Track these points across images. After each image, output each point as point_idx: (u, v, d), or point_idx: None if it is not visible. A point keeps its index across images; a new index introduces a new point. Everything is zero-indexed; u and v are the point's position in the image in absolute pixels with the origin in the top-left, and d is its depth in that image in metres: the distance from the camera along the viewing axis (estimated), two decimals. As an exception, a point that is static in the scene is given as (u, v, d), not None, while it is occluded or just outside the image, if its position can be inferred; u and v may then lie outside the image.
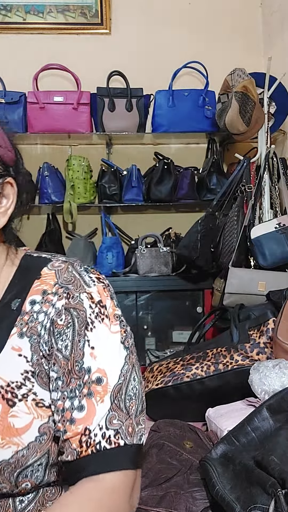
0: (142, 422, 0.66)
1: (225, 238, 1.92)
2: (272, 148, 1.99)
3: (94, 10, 2.45)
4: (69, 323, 0.65)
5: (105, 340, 0.66)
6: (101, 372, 0.63)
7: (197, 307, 2.29)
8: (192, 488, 0.85)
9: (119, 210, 2.54)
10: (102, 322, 0.66)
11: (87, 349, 0.64)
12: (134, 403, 0.65)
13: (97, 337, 0.65)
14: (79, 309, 0.66)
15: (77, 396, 0.62)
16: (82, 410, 0.62)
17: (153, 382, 1.33)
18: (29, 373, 0.65)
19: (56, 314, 0.65)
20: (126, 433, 0.63)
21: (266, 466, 0.73)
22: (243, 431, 0.88)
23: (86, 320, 0.65)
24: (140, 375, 0.69)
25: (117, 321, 0.69)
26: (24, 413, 0.64)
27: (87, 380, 0.63)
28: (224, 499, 0.74)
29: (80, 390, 0.62)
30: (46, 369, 0.65)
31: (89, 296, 0.67)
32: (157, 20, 2.50)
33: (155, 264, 2.22)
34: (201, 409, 1.21)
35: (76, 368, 0.63)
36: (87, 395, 0.62)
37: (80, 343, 0.64)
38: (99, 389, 0.63)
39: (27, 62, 2.37)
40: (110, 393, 0.63)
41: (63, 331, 0.64)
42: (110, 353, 0.65)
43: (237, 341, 1.30)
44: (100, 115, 2.24)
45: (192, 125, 2.26)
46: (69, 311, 0.65)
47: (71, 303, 0.66)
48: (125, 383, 0.65)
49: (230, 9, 2.53)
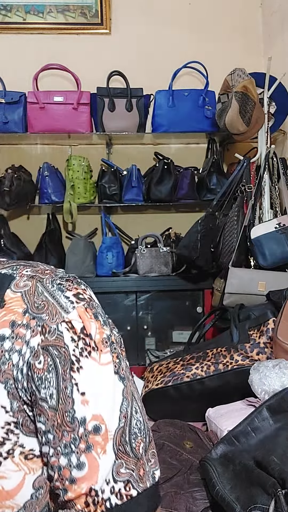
0: (152, 457, 0.59)
1: (225, 238, 1.92)
2: (272, 148, 1.99)
3: (94, 10, 2.45)
4: (50, 365, 0.54)
5: (96, 379, 0.56)
6: (97, 419, 0.54)
7: (197, 307, 2.29)
8: (192, 488, 0.86)
9: (119, 210, 2.54)
10: (89, 357, 0.56)
11: (76, 395, 0.54)
12: (140, 441, 0.57)
13: (86, 378, 0.55)
14: (59, 346, 0.55)
15: (73, 451, 0.54)
16: (82, 467, 0.53)
17: (153, 382, 1.33)
18: (11, 424, 0.55)
19: (33, 355, 0.54)
20: (137, 479, 0.55)
21: (266, 466, 0.73)
22: (243, 431, 0.88)
23: (70, 358, 0.55)
24: (140, 401, 0.61)
25: (107, 347, 0.58)
26: (13, 471, 0.55)
27: (83, 433, 0.54)
28: (224, 499, 0.74)
29: (77, 445, 0.54)
30: (30, 415, 0.56)
31: (69, 325, 0.56)
32: (157, 20, 2.50)
33: (155, 264, 2.22)
34: (201, 409, 1.21)
35: (67, 419, 0.54)
36: (85, 449, 0.54)
37: (67, 389, 0.54)
38: (98, 440, 0.54)
39: (27, 62, 2.37)
40: (112, 441, 0.55)
41: (45, 377, 0.54)
42: (105, 393, 0.56)
43: (237, 341, 1.30)
44: (100, 115, 2.24)
45: (192, 125, 2.26)
46: (48, 351, 0.54)
47: (48, 340, 0.54)
48: (127, 423, 0.56)
49: (230, 9, 2.53)
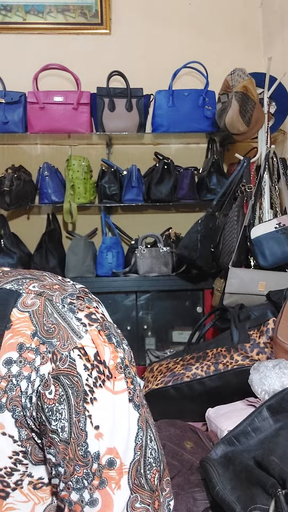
0: (166, 486, 0.57)
1: (225, 238, 1.92)
2: (272, 148, 1.99)
3: (94, 10, 2.45)
4: (62, 396, 0.51)
5: (110, 410, 0.52)
6: (112, 453, 0.52)
7: (197, 307, 2.29)
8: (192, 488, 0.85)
9: (119, 210, 2.54)
10: (103, 386, 0.52)
11: (90, 428, 0.51)
12: (156, 471, 0.55)
13: (101, 410, 0.52)
14: (71, 375, 0.51)
15: (86, 487, 0.51)
16: (95, 504, 0.51)
17: (153, 382, 1.33)
18: (20, 454, 0.52)
19: (43, 384, 0.51)
20: (154, 510, 0.54)
21: (266, 466, 0.73)
22: (243, 431, 0.88)
23: (83, 389, 0.51)
24: (154, 428, 0.58)
25: (121, 373, 0.54)
26: (22, 502, 0.53)
27: (96, 469, 0.51)
28: (225, 499, 0.74)
29: (90, 481, 0.51)
30: (39, 443, 0.53)
31: (82, 352, 0.52)
32: (157, 20, 2.50)
33: (155, 264, 2.22)
34: (201, 409, 1.21)
35: (80, 453, 0.51)
36: (99, 485, 0.51)
37: (80, 422, 0.51)
38: (112, 474, 0.51)
39: (27, 62, 2.37)
40: (127, 475, 0.52)
41: (56, 408, 0.51)
42: (120, 425, 0.52)
43: (237, 341, 1.29)
44: (100, 115, 2.24)
45: (192, 125, 2.26)
46: (59, 380, 0.51)
47: (59, 368, 0.51)
48: (142, 453, 0.54)
49: (230, 9, 2.53)
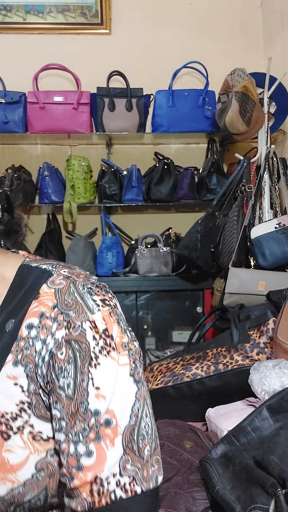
0: (156, 463, 0.61)
1: (225, 238, 1.92)
2: (272, 148, 1.99)
3: (94, 10, 2.45)
4: (71, 358, 0.59)
5: (112, 377, 0.60)
6: (109, 414, 0.58)
7: (197, 307, 2.29)
8: (192, 488, 0.85)
9: (119, 210, 2.54)
10: (108, 356, 0.60)
11: (91, 389, 0.58)
12: (147, 443, 0.60)
13: (103, 375, 0.59)
14: (81, 342, 0.60)
15: (82, 440, 0.57)
16: (90, 456, 0.57)
17: (153, 382, 1.33)
18: (25, 404, 0.60)
19: (56, 346, 0.59)
20: (141, 478, 0.58)
21: (266, 466, 0.73)
22: (243, 431, 0.88)
23: (90, 354, 0.59)
24: (151, 408, 0.64)
25: (125, 350, 0.63)
26: (20, 447, 0.59)
27: (94, 424, 0.58)
28: (224, 499, 0.74)
29: (86, 435, 0.57)
30: (45, 400, 0.60)
31: (92, 325, 0.61)
32: (157, 20, 2.50)
33: (155, 264, 2.22)
34: (201, 409, 1.21)
35: (81, 409, 0.58)
36: (95, 439, 0.57)
37: (84, 382, 0.58)
38: (108, 432, 0.58)
39: (27, 62, 2.37)
40: (121, 436, 0.58)
41: (64, 367, 0.59)
42: (119, 392, 0.59)
43: (237, 341, 1.29)
44: (100, 115, 2.24)
45: (192, 125, 2.26)
46: (70, 344, 0.59)
47: (72, 334, 0.60)
48: (137, 422, 0.60)
49: (230, 9, 2.53)
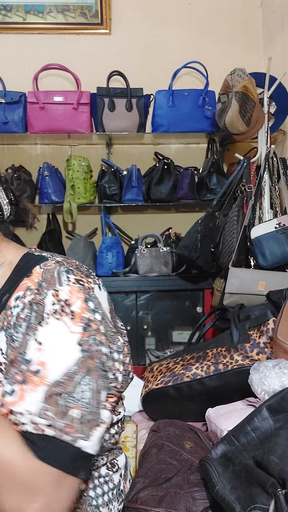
0: (83, 433, 0.62)
1: (225, 238, 1.92)
2: (272, 148, 1.99)
3: (94, 10, 2.45)
4: (27, 316, 0.66)
5: (56, 338, 0.64)
6: (41, 365, 0.63)
7: (197, 307, 2.29)
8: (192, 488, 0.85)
9: (119, 210, 2.54)
10: (59, 320, 0.65)
11: (33, 342, 0.64)
12: (76, 407, 0.62)
13: (48, 334, 0.64)
14: (39, 304, 0.66)
15: (9, 382, 0.64)
16: (12, 394, 0.63)
17: (153, 382, 1.33)
18: (2, 365, 0.67)
19: (21, 309, 0.67)
20: (59, 429, 0.61)
21: (266, 466, 0.73)
22: (243, 431, 0.88)
23: (42, 315, 0.65)
24: (97, 384, 0.66)
25: (82, 323, 0.66)
26: None
27: (23, 369, 0.63)
28: (224, 499, 0.74)
29: (14, 376, 0.63)
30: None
31: (55, 293, 0.67)
32: (157, 20, 2.50)
33: (155, 264, 2.22)
34: (201, 409, 1.21)
35: (19, 358, 0.64)
36: (20, 381, 0.63)
37: (28, 335, 0.65)
38: (35, 379, 0.62)
39: (27, 62, 2.37)
40: (47, 387, 0.62)
41: (19, 324, 0.66)
42: (58, 350, 0.64)
43: (237, 341, 1.29)
44: (100, 115, 2.24)
45: (192, 125, 2.26)
46: (31, 306, 0.67)
47: (36, 299, 0.67)
48: (69, 384, 0.63)
49: (230, 9, 2.53)
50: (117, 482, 0.86)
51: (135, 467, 1.09)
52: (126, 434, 1.16)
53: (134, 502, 0.82)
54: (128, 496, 0.85)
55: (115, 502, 0.84)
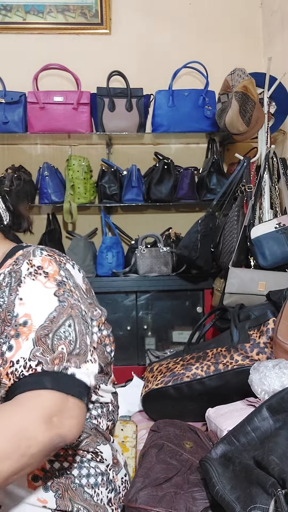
0: (73, 363, 0.70)
1: (225, 238, 1.92)
2: (272, 148, 1.99)
3: (94, 10, 2.45)
4: (8, 283, 0.77)
5: (34, 292, 0.75)
6: (27, 316, 0.72)
7: (197, 307, 2.29)
8: (192, 488, 0.85)
9: (119, 210, 2.54)
10: (35, 280, 0.76)
11: (17, 300, 0.74)
12: (65, 345, 0.70)
13: (27, 290, 0.75)
14: (16, 272, 0.78)
15: (7, 340, 0.71)
16: (11, 350, 0.70)
17: (153, 382, 1.33)
18: None
19: (3, 278, 0.78)
20: (48, 363, 0.68)
21: (266, 466, 0.73)
22: (243, 431, 0.88)
23: (20, 278, 0.76)
24: (79, 324, 0.74)
25: (55, 282, 0.77)
26: None
27: (14, 324, 0.72)
28: (224, 499, 0.74)
29: (9, 332, 0.72)
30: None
31: (29, 262, 0.78)
32: (157, 20, 2.50)
33: (155, 264, 2.22)
34: (201, 409, 1.21)
35: (8, 317, 0.73)
36: (14, 336, 0.71)
37: (12, 296, 0.75)
38: (25, 330, 0.71)
39: (27, 62, 2.37)
40: (34, 333, 0.70)
41: (3, 290, 0.77)
42: (37, 301, 0.74)
43: (237, 341, 1.29)
44: (100, 115, 2.24)
45: (192, 125, 2.26)
46: (10, 274, 0.78)
47: (14, 268, 0.78)
48: (53, 326, 0.71)
49: (230, 9, 2.53)
50: (104, 470, 0.85)
51: (135, 467, 1.09)
52: (126, 434, 1.16)
53: (134, 502, 0.82)
54: (128, 496, 0.84)
55: (103, 488, 0.83)
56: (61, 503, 0.76)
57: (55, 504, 0.76)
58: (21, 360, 0.69)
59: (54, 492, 0.77)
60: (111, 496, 0.85)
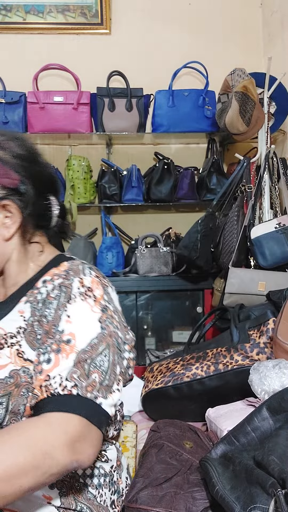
0: (101, 394, 0.73)
1: (225, 238, 1.92)
2: (272, 148, 1.99)
3: (94, 10, 2.45)
4: (57, 296, 0.78)
5: (82, 313, 0.77)
6: (71, 335, 0.74)
7: (197, 307, 2.29)
8: (192, 488, 0.85)
9: (119, 210, 2.54)
10: (84, 300, 0.78)
11: (64, 316, 0.76)
12: (97, 372, 0.73)
13: (75, 309, 0.76)
14: (67, 287, 0.79)
15: (47, 351, 0.74)
16: (49, 362, 0.73)
17: (153, 382, 1.33)
18: (22, 329, 0.78)
19: (52, 289, 0.80)
20: (82, 388, 0.71)
21: (266, 466, 0.73)
22: (243, 431, 0.88)
23: (70, 295, 0.78)
24: (114, 356, 0.77)
25: (100, 307, 0.79)
26: (6, 356, 0.76)
27: (58, 339, 0.74)
28: (224, 499, 0.74)
29: (50, 346, 0.74)
30: (36, 330, 0.77)
31: (80, 280, 0.80)
32: (157, 20, 2.50)
33: (155, 264, 2.22)
34: (201, 409, 1.21)
35: (53, 330, 0.75)
36: (55, 350, 0.73)
37: (60, 311, 0.77)
38: (66, 348, 0.73)
39: (27, 62, 2.37)
40: (76, 354, 0.73)
41: (51, 302, 0.78)
42: (83, 323, 0.76)
43: (237, 341, 1.29)
44: (100, 115, 2.24)
45: (192, 125, 2.26)
46: (60, 288, 0.79)
47: (64, 283, 0.79)
48: (92, 352, 0.74)
49: (230, 9, 2.53)
50: (108, 471, 0.86)
51: (135, 467, 1.09)
52: (126, 434, 1.16)
53: (134, 502, 0.82)
54: (128, 496, 0.84)
55: (106, 489, 0.84)
56: (65, 501, 0.78)
57: (59, 501, 0.77)
58: (57, 377, 0.71)
59: (59, 490, 0.78)
60: (114, 498, 0.85)
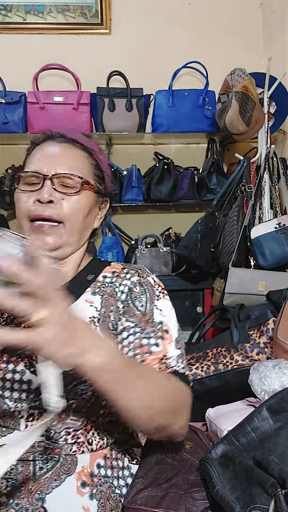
0: (187, 371, 0.89)
1: (225, 238, 1.92)
2: (272, 148, 1.99)
3: (94, 10, 2.45)
4: (143, 292, 0.89)
5: (168, 309, 0.89)
6: (167, 327, 0.87)
7: (197, 307, 2.29)
8: (192, 488, 0.85)
9: (119, 210, 2.54)
10: (164, 297, 0.90)
11: (156, 310, 0.87)
12: (184, 356, 0.88)
13: (164, 305, 0.89)
14: (147, 285, 0.90)
15: (153, 337, 0.84)
16: (158, 346, 0.83)
17: (153, 382, 1.33)
18: (95, 319, 0.86)
19: (132, 284, 0.89)
20: (186, 369, 0.86)
21: (266, 466, 0.73)
22: (243, 431, 0.88)
23: (155, 294, 0.89)
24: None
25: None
26: None
27: (159, 328, 0.85)
28: (224, 499, 0.73)
29: (155, 333, 0.85)
30: (112, 320, 0.86)
31: (154, 280, 0.92)
32: (157, 20, 2.50)
33: (155, 264, 2.21)
34: (201, 409, 1.20)
35: (150, 320, 0.86)
36: (160, 337, 0.85)
37: (152, 304, 0.88)
38: (167, 336, 0.86)
39: (27, 62, 2.37)
40: (174, 342, 0.86)
41: (139, 297, 0.88)
42: (171, 317, 0.89)
43: (237, 341, 1.29)
44: (100, 115, 2.24)
45: (192, 125, 2.26)
46: (142, 285, 0.90)
47: (142, 280, 0.90)
48: (181, 341, 0.89)
49: (230, 9, 2.53)
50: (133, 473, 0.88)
51: (135, 467, 1.09)
52: (126, 434, 1.16)
53: (134, 502, 0.82)
54: (128, 497, 0.84)
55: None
56: None
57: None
58: (172, 358, 0.84)
59: (98, 501, 0.79)
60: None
